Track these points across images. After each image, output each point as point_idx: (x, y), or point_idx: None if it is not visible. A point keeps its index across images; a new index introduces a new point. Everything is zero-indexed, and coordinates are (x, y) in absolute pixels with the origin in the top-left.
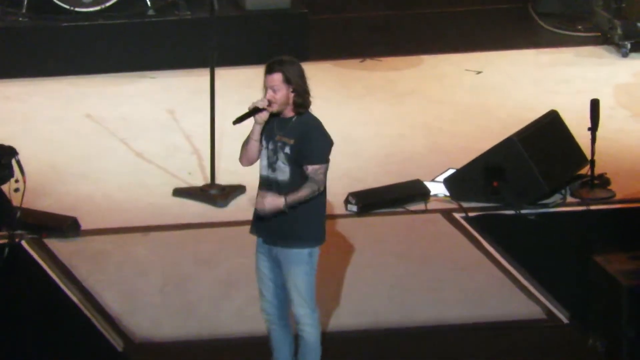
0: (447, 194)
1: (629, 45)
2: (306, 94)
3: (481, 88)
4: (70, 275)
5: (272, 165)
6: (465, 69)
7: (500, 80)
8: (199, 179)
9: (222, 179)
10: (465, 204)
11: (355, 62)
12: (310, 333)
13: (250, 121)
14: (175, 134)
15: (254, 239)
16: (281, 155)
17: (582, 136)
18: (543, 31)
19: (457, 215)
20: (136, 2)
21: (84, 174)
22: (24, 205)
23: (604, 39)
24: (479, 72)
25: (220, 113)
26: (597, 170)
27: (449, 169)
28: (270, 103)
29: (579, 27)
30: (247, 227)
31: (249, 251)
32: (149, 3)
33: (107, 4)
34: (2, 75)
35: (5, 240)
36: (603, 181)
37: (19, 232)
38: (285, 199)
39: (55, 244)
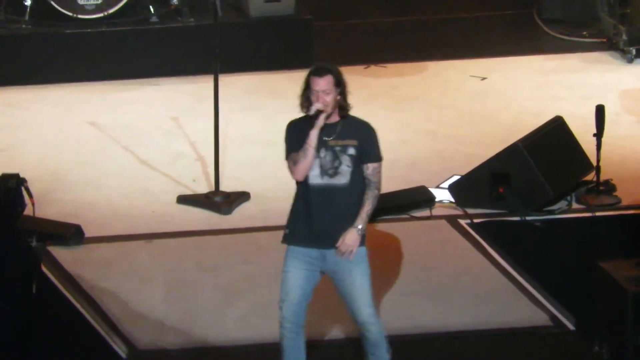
0: (452, 200)
1: (634, 51)
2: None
3: (486, 94)
4: (74, 282)
5: (328, 171)
6: (469, 75)
7: (505, 86)
8: (203, 186)
9: (226, 186)
10: (470, 211)
11: (359, 68)
12: (378, 332)
13: (240, 136)
14: (179, 141)
15: (258, 245)
16: (345, 159)
17: (587, 142)
18: (548, 37)
19: (463, 222)
20: (139, 9)
21: (87, 181)
22: (27, 213)
23: (609, 44)
24: (483, 78)
25: (224, 120)
26: (603, 177)
27: (453, 175)
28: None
29: (584, 33)
30: (252, 234)
31: (253, 259)
32: (152, 10)
33: (110, 11)
34: (4, 82)
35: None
36: (609, 187)
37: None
38: (359, 227)
39: (59, 252)
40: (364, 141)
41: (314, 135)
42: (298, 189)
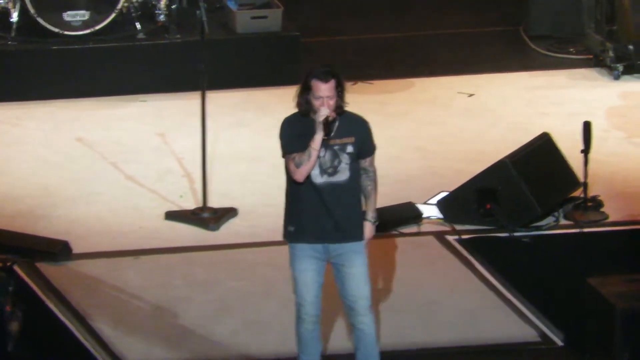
0: (440, 216)
1: (621, 68)
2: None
3: (473, 110)
4: (62, 298)
5: (327, 170)
6: (457, 91)
7: (493, 102)
8: (191, 202)
9: (213, 202)
10: (458, 227)
11: (347, 84)
12: (372, 325)
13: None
14: (167, 157)
15: (246, 261)
16: (344, 157)
17: (575, 158)
18: (535, 54)
19: (450, 238)
20: (126, 26)
21: (75, 197)
22: (15, 229)
23: (596, 61)
24: (471, 95)
25: (212, 136)
26: (590, 193)
27: (441, 191)
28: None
29: (571, 49)
30: (240, 250)
31: (241, 275)
32: (139, 26)
33: (97, 27)
34: None
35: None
36: (596, 203)
37: (10, 256)
38: (372, 219)
39: (47, 268)
40: (361, 137)
41: (319, 139)
42: (294, 188)
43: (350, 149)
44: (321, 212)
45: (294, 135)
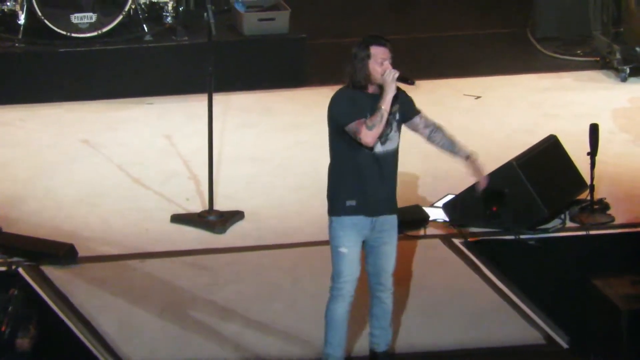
0: (446, 219)
1: (627, 70)
2: None
3: (480, 113)
4: (67, 302)
5: (380, 138)
6: (464, 93)
7: (499, 104)
8: (197, 205)
9: (220, 205)
10: (464, 229)
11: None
12: (392, 302)
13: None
14: (173, 160)
15: (252, 264)
16: (394, 125)
17: (581, 160)
18: (542, 56)
19: (456, 241)
20: (133, 28)
21: (80, 200)
22: (21, 232)
23: (602, 63)
24: (477, 97)
25: (218, 138)
26: (597, 195)
27: (448, 194)
28: None
29: (578, 51)
30: (246, 254)
31: (247, 277)
32: (146, 28)
33: (104, 30)
34: None
35: (4, 268)
36: (602, 206)
37: (15, 259)
38: (471, 155)
39: (52, 271)
40: (406, 103)
41: (389, 99)
42: (351, 159)
43: (398, 116)
44: (379, 182)
45: (352, 104)
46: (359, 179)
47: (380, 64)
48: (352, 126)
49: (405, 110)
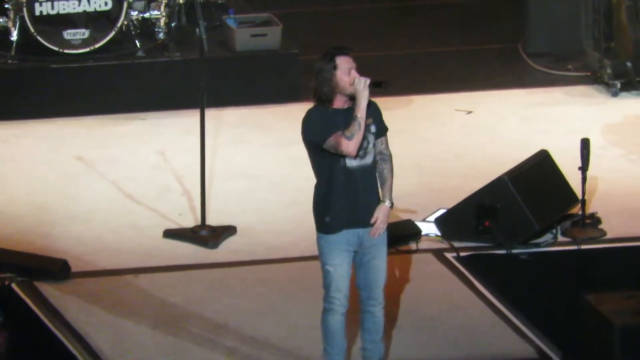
0: (439, 233)
1: (618, 85)
2: None
3: (472, 127)
4: (61, 317)
5: (359, 153)
6: (455, 108)
7: (491, 119)
8: (190, 220)
9: (212, 220)
10: (456, 244)
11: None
12: (383, 316)
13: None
14: (166, 175)
15: (245, 279)
16: (370, 137)
17: (572, 175)
18: (533, 71)
19: (449, 255)
20: (126, 44)
21: (74, 216)
22: (15, 248)
23: (594, 78)
24: (469, 112)
25: (211, 154)
26: (588, 210)
27: (440, 208)
28: None
29: (569, 66)
30: (238, 268)
31: (239, 292)
32: (138, 44)
33: (97, 46)
34: None
35: None
36: (594, 220)
37: (9, 275)
38: (389, 203)
39: (46, 287)
40: (377, 117)
41: (364, 106)
42: (328, 176)
43: (373, 129)
44: (355, 196)
45: (325, 122)
46: (336, 195)
47: (347, 73)
48: (331, 141)
49: (378, 127)
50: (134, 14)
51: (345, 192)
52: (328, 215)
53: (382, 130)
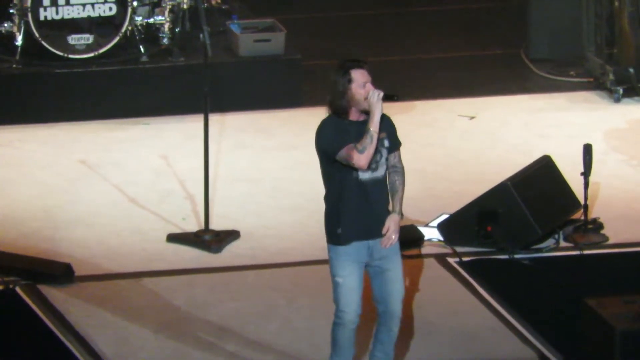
0: (441, 238)
1: (621, 91)
2: None
3: (474, 133)
4: (64, 321)
5: (371, 166)
6: (458, 114)
7: (494, 125)
8: (193, 225)
9: (216, 225)
10: (459, 249)
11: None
12: (398, 327)
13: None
14: (169, 180)
15: (247, 283)
16: (383, 151)
17: (575, 181)
18: (535, 77)
19: (451, 260)
20: (130, 49)
21: (77, 220)
22: (19, 252)
23: (596, 84)
24: (472, 118)
25: (214, 158)
26: (590, 215)
27: (442, 213)
28: None
29: (571, 72)
30: (241, 273)
31: (242, 297)
32: (142, 50)
33: (101, 51)
34: None
35: (1, 287)
36: (596, 226)
37: (12, 278)
38: (399, 214)
39: (49, 291)
40: (390, 132)
41: (377, 119)
42: (339, 188)
43: (387, 143)
44: (367, 208)
45: (338, 133)
46: (347, 206)
47: (362, 86)
48: (343, 153)
49: (392, 141)
50: (138, 19)
51: (357, 204)
52: (340, 227)
53: (395, 145)
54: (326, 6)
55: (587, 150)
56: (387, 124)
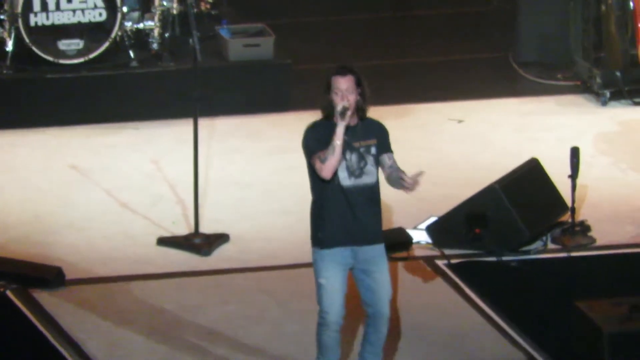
0: (430, 241)
1: (608, 94)
2: (367, 99)
3: (463, 136)
4: (55, 324)
5: (354, 172)
6: (447, 118)
7: (482, 128)
8: (183, 228)
9: (206, 228)
10: (447, 251)
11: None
12: (387, 328)
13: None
14: (159, 184)
15: (237, 286)
16: (370, 159)
17: (562, 183)
18: (523, 80)
19: (440, 263)
20: (120, 54)
21: (68, 224)
22: (10, 256)
23: (583, 87)
24: (460, 121)
25: (204, 162)
26: (578, 217)
27: (431, 216)
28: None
29: (559, 76)
30: (231, 276)
31: (232, 300)
32: (132, 55)
33: (91, 56)
34: None
35: None
36: (584, 228)
37: (3, 282)
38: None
39: (41, 294)
40: (381, 138)
41: (340, 131)
42: (321, 193)
43: (374, 150)
44: (349, 214)
45: (318, 138)
46: (325, 211)
47: (337, 94)
48: (312, 160)
49: (381, 145)
50: (128, 24)
51: (338, 210)
52: (320, 231)
53: (385, 148)
54: (316, 11)
55: (574, 153)
56: (377, 131)
